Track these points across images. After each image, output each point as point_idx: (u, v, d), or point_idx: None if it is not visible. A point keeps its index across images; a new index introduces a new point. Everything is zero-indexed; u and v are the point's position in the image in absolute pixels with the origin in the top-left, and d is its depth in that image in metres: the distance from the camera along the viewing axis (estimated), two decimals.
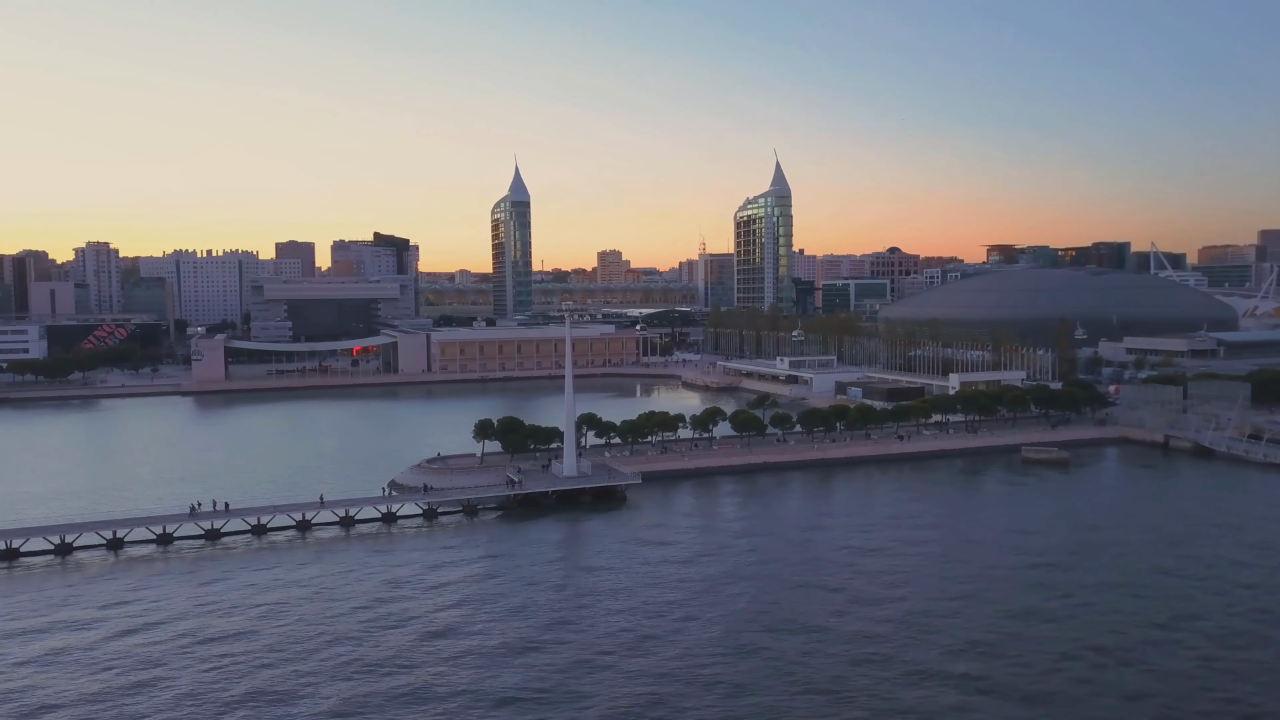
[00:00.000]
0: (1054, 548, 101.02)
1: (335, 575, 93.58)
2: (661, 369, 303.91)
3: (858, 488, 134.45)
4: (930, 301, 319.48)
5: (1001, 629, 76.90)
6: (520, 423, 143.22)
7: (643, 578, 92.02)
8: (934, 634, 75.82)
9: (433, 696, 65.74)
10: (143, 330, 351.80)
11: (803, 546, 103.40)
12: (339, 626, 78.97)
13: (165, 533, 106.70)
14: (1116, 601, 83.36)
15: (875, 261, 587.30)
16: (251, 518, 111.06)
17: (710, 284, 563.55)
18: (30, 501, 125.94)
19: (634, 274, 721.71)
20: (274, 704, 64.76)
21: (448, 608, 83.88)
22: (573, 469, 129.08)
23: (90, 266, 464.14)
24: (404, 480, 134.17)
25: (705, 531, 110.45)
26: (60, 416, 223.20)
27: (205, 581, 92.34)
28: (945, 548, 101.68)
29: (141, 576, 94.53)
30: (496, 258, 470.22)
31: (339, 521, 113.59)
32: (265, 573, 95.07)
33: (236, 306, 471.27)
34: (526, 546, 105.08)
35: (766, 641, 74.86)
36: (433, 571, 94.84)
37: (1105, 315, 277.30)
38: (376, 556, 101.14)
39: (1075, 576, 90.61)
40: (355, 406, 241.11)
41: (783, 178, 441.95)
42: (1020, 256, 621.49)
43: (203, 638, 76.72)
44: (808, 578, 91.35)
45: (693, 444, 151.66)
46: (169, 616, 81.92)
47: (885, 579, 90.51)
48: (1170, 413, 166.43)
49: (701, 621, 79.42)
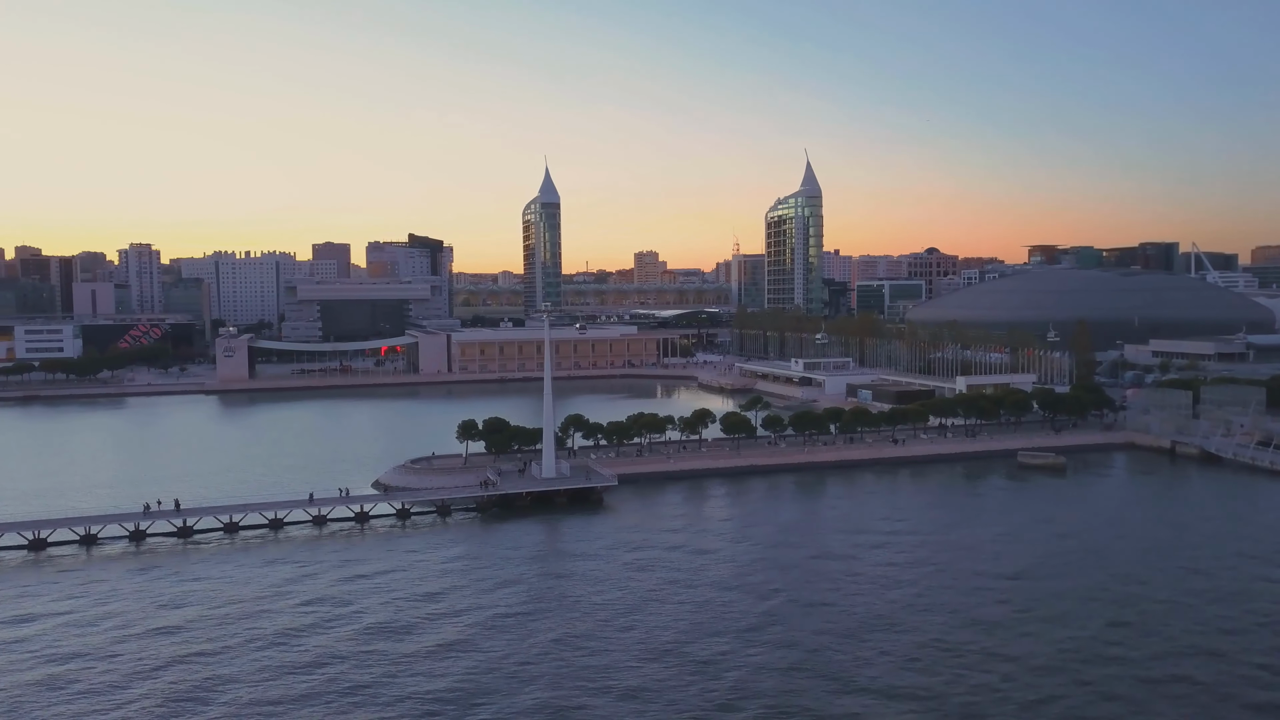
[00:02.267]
0: (1011, 556, 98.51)
1: (284, 575, 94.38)
2: (681, 370, 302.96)
3: (840, 493, 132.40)
4: (956, 303, 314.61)
5: (941, 642, 75.05)
6: (505, 423, 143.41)
7: (593, 583, 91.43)
8: (863, 644, 74.26)
9: (334, 694, 65.83)
10: (176, 330, 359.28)
11: (768, 550, 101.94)
12: (261, 627, 79.56)
13: (138, 529, 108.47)
14: (1062, 609, 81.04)
15: (912, 262, 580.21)
16: (224, 516, 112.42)
17: (744, 285, 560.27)
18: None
19: (670, 274, 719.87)
20: (188, 701, 65.37)
21: (382, 609, 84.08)
22: (551, 470, 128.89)
23: (133, 268, 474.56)
24: (387, 480, 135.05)
25: (673, 534, 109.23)
26: (80, 414, 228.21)
27: (156, 578, 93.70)
28: (898, 554, 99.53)
29: (93, 573, 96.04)
30: (527, 259, 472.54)
31: (311, 520, 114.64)
32: (199, 570, 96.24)
33: (274, 307, 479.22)
34: (489, 548, 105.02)
35: (678, 650, 73.86)
36: (385, 574, 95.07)
37: (1134, 317, 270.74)
38: (334, 555, 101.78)
39: (1024, 586, 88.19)
40: (371, 405, 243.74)
41: (813, 177, 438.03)
42: (1063, 257, 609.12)
43: (129, 634, 77.79)
44: (750, 580, 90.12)
45: (681, 446, 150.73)
46: (106, 614, 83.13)
47: (824, 586, 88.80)
48: (1179, 418, 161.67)
49: (639, 631, 78.55)
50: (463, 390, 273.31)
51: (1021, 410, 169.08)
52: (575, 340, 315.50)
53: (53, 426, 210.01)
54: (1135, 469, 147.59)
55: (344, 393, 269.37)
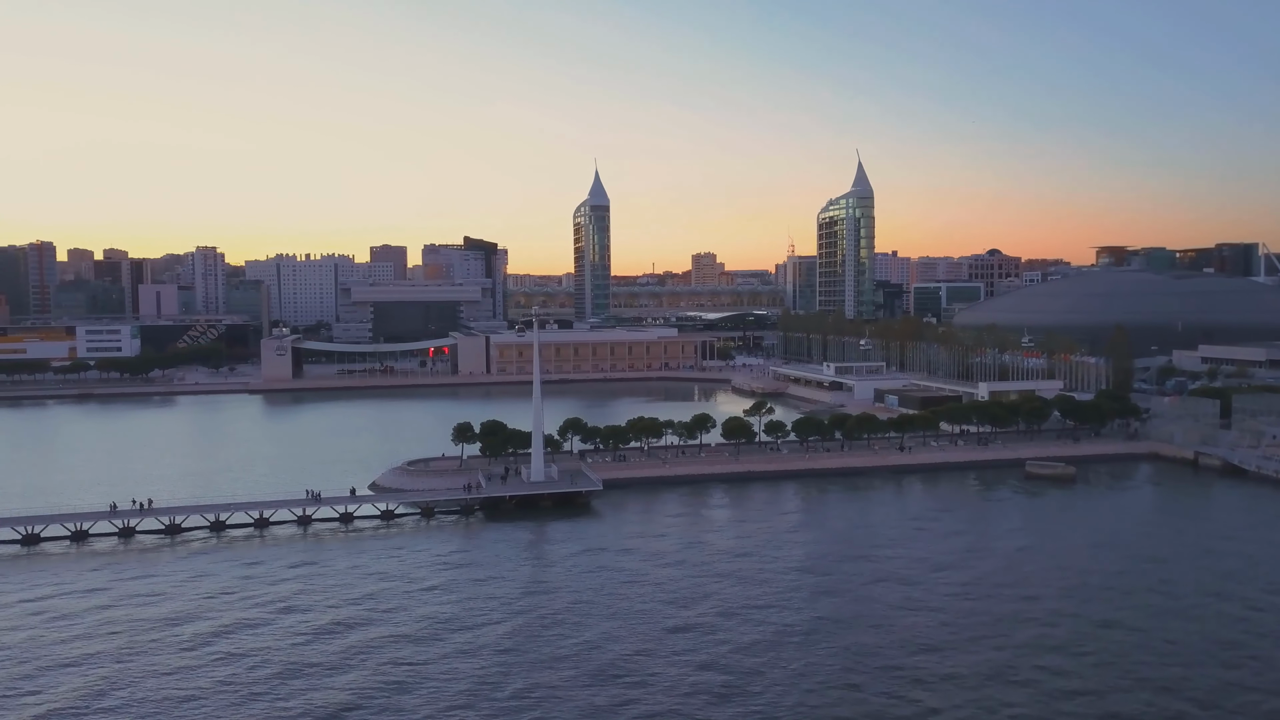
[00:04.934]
0: (963, 568, 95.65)
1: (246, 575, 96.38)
2: (717, 373, 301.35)
3: (829, 500, 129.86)
4: (1002, 306, 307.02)
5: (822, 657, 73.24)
6: (502, 426, 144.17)
7: (533, 590, 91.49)
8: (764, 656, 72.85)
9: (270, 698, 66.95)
10: (231, 331, 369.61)
11: (728, 559, 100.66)
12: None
13: (128, 527, 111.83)
14: (995, 629, 78.39)
15: (973, 264, 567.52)
16: (211, 514, 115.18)
17: (799, 286, 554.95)
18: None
19: (728, 276, 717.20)
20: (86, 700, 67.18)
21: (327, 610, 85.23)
22: (540, 474, 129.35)
23: (199, 270, 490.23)
24: (384, 481, 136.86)
25: (651, 540, 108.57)
26: (125, 411, 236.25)
27: (128, 577, 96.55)
28: (850, 566, 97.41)
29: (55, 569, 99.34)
30: (578, 261, 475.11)
31: (296, 520, 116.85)
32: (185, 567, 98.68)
33: (332, 308, 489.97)
34: (453, 550, 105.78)
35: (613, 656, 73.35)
36: (347, 573, 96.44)
37: (1187, 321, 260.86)
38: (301, 554, 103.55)
39: (965, 605, 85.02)
40: (403, 406, 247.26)
41: (865, 178, 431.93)
42: (1132, 258, 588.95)
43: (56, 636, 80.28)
44: (711, 589, 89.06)
45: (680, 451, 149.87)
46: (74, 610, 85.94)
47: (754, 593, 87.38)
48: (1205, 427, 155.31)
49: (579, 642, 78.31)
50: (499, 391, 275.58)
51: (1039, 418, 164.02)
52: (612, 343, 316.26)
53: (87, 424, 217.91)
54: (1150, 481, 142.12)
55: (383, 393, 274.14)
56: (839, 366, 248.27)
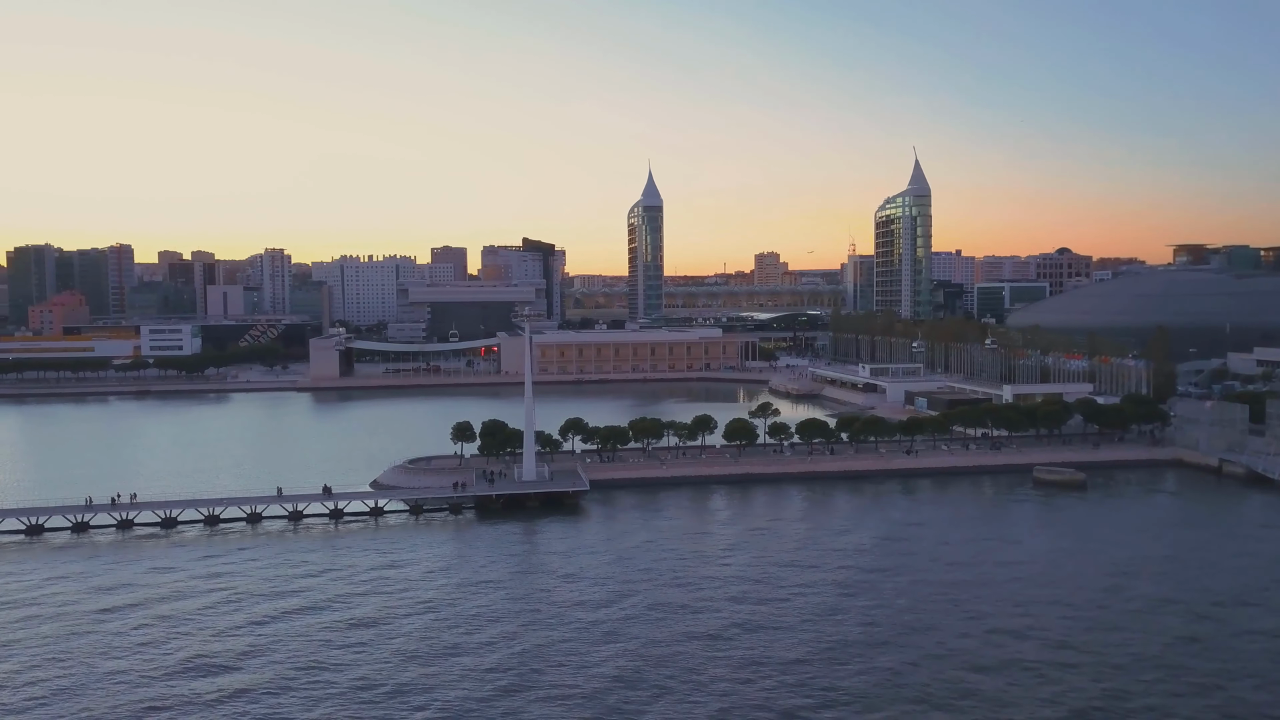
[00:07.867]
0: (920, 569, 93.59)
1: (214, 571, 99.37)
2: (758, 374, 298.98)
3: (819, 503, 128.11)
4: (1053, 307, 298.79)
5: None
6: (502, 425, 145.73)
7: (485, 588, 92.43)
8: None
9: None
10: (290, 331, 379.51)
11: (701, 566, 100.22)
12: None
13: (126, 520, 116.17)
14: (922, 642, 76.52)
15: (1041, 263, 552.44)
16: (205, 509, 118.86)
17: (859, 286, 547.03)
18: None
19: (791, 276, 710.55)
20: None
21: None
22: (532, 474, 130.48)
23: (266, 271, 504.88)
24: (384, 479, 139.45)
25: (631, 543, 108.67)
26: (177, 407, 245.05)
27: (112, 566, 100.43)
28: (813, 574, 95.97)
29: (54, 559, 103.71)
30: (631, 261, 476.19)
31: (288, 516, 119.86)
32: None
33: (393, 308, 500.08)
34: (423, 548, 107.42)
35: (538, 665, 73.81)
36: (327, 569, 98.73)
37: (1247, 323, 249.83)
38: (285, 554, 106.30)
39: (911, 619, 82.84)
40: (439, 403, 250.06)
41: (922, 176, 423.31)
42: (1212, 257, 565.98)
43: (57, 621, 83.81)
44: (673, 599, 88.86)
45: (681, 451, 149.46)
46: (68, 599, 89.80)
47: (681, 600, 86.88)
48: (1232, 433, 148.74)
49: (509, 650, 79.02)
50: (540, 391, 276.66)
51: (1057, 421, 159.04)
52: (652, 343, 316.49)
53: (135, 420, 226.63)
54: (1166, 489, 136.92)
55: (426, 391, 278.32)
56: (874, 368, 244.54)
